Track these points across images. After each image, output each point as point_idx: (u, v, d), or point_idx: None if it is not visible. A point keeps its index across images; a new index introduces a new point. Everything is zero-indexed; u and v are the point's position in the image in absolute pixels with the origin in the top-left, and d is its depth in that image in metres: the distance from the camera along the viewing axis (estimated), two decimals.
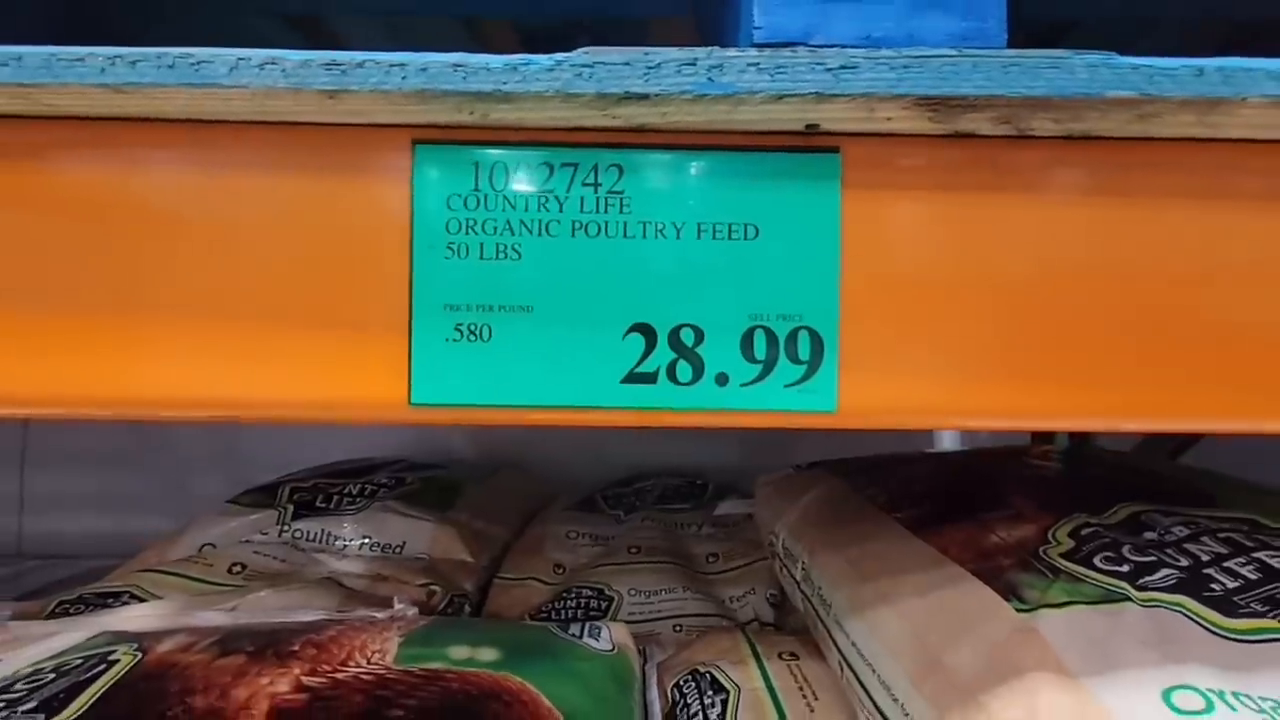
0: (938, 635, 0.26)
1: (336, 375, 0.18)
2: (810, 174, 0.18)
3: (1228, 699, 0.20)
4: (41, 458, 0.92)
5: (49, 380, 0.18)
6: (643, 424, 0.19)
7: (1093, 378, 0.19)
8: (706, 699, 0.34)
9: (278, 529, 0.54)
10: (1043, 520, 0.31)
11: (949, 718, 0.22)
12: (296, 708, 0.24)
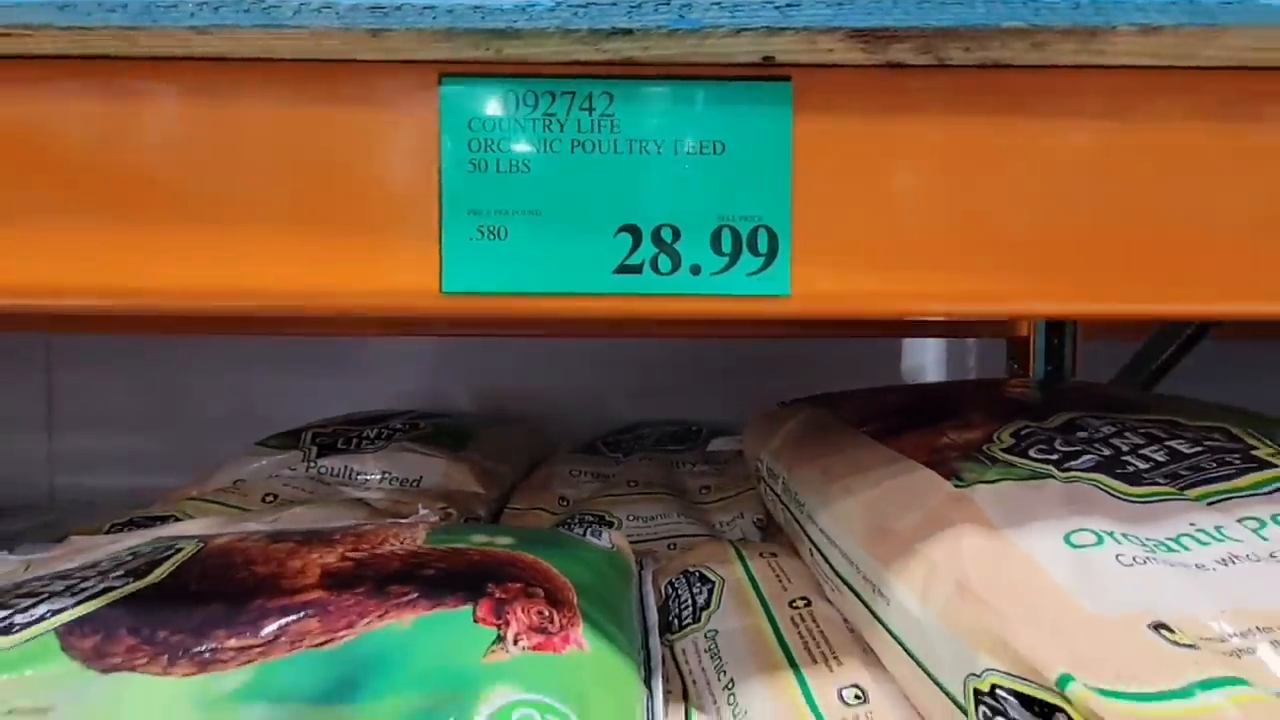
0: (887, 509, 0.30)
1: (382, 271, 0.22)
2: (767, 99, 0.22)
3: (1116, 537, 0.25)
4: (70, 420, 0.97)
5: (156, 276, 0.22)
6: (631, 310, 0.23)
7: (1005, 267, 0.23)
8: (695, 589, 0.38)
9: (304, 465, 0.58)
10: (990, 426, 0.36)
11: (892, 567, 0.27)
12: (343, 570, 0.29)
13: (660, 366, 0.89)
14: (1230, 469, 0.28)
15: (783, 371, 0.82)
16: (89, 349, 0.95)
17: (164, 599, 0.27)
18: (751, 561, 0.40)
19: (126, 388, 0.96)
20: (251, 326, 0.81)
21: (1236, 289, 0.22)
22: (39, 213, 0.22)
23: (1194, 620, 0.21)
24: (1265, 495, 0.26)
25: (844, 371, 0.59)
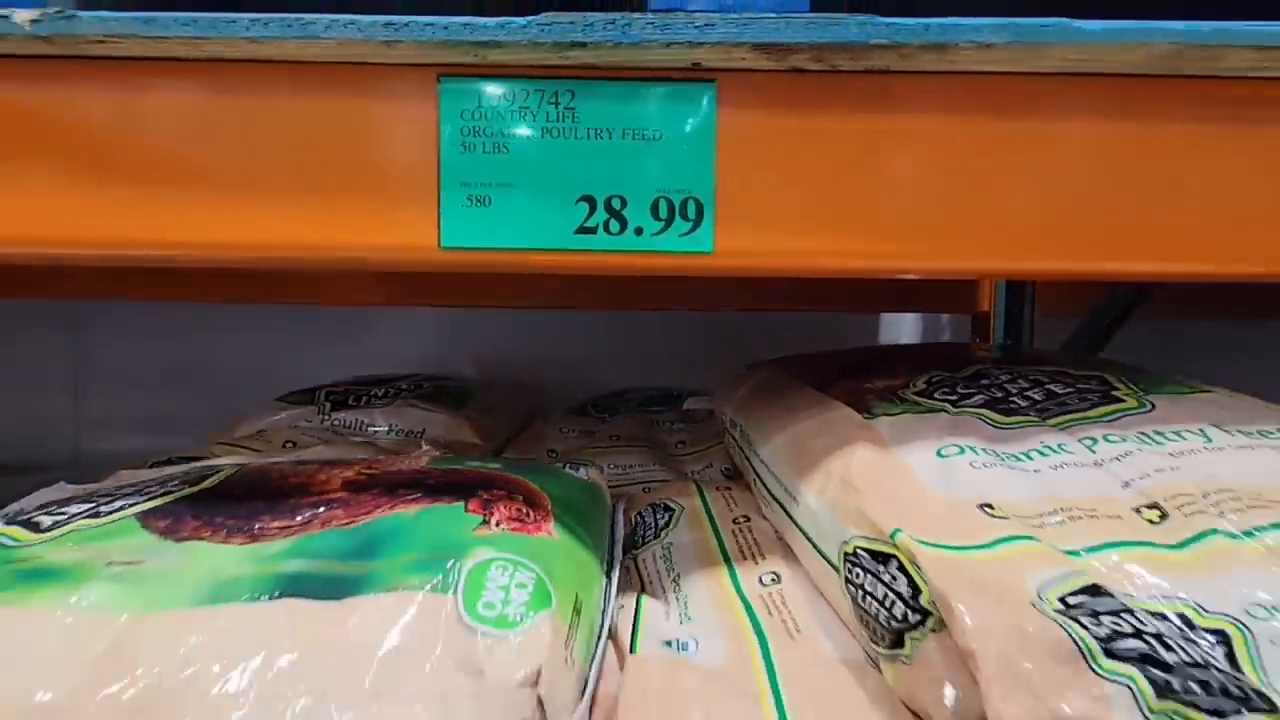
0: (808, 437, 0.36)
1: (393, 231, 0.28)
2: (696, 97, 0.28)
3: (976, 450, 0.31)
4: (96, 384, 1.03)
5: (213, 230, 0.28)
6: (588, 264, 0.29)
7: (891, 232, 0.29)
8: (659, 516, 0.45)
9: (319, 418, 0.65)
10: (910, 376, 0.42)
11: (804, 477, 0.33)
12: (360, 480, 0.35)
13: (649, 339, 0.95)
14: (1087, 404, 0.34)
15: (765, 345, 0.88)
16: (114, 316, 1.01)
17: (216, 498, 0.34)
18: (709, 494, 0.47)
19: (150, 354, 1.02)
20: (270, 295, 0.87)
21: (1035, 251, 0.28)
22: (120, 183, 0.28)
23: (1014, 504, 0.27)
24: (1106, 421, 0.33)
25: (825, 345, 0.64)
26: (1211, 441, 0.30)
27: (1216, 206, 0.28)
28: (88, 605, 0.25)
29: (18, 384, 1.03)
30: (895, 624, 0.23)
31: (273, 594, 0.26)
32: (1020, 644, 0.20)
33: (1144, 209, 0.29)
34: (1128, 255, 0.29)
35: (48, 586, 0.26)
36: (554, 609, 0.26)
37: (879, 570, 0.25)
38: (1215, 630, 0.21)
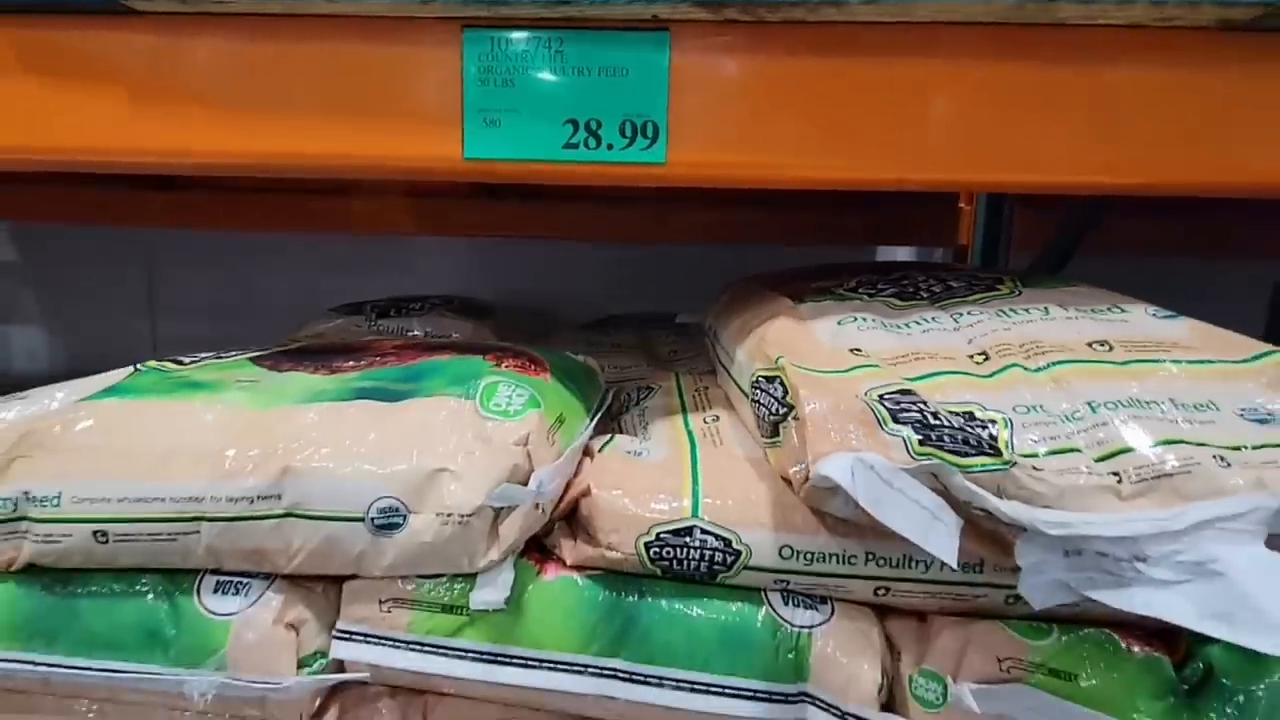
0: (751, 319, 0.46)
1: (429, 147, 0.38)
2: (654, 43, 0.37)
3: (868, 320, 0.40)
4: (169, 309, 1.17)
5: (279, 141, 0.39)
6: (572, 174, 0.39)
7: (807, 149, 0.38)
8: (640, 393, 0.56)
9: (367, 324, 0.77)
10: (848, 278, 0.51)
11: (740, 343, 0.43)
12: (406, 345, 0.47)
13: (656, 272, 1.04)
14: (971, 292, 0.44)
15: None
16: (184, 248, 1.14)
17: (302, 351, 0.46)
18: (683, 379, 0.57)
19: (216, 283, 1.15)
20: (318, 225, 0.99)
21: (911, 164, 0.37)
22: (192, 102, 0.39)
23: (879, 351, 0.37)
24: (977, 303, 0.42)
25: None
26: (1047, 314, 0.39)
27: (1054, 130, 0.37)
28: (226, 403, 0.37)
29: (100, 310, 1.18)
30: (773, 418, 0.34)
31: (351, 399, 0.37)
32: (835, 413, 0.30)
33: (1001, 132, 0.37)
34: (989, 169, 0.38)
35: (199, 392, 0.38)
36: (542, 411, 0.37)
37: (769, 387, 0.35)
38: (989, 420, 0.31)
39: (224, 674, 0.33)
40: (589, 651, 0.34)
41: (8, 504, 0.34)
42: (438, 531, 0.33)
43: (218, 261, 1.14)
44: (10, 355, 1.23)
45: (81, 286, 1.18)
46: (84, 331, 1.21)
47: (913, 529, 0.28)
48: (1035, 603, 0.29)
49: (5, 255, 1.22)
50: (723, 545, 0.34)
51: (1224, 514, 0.27)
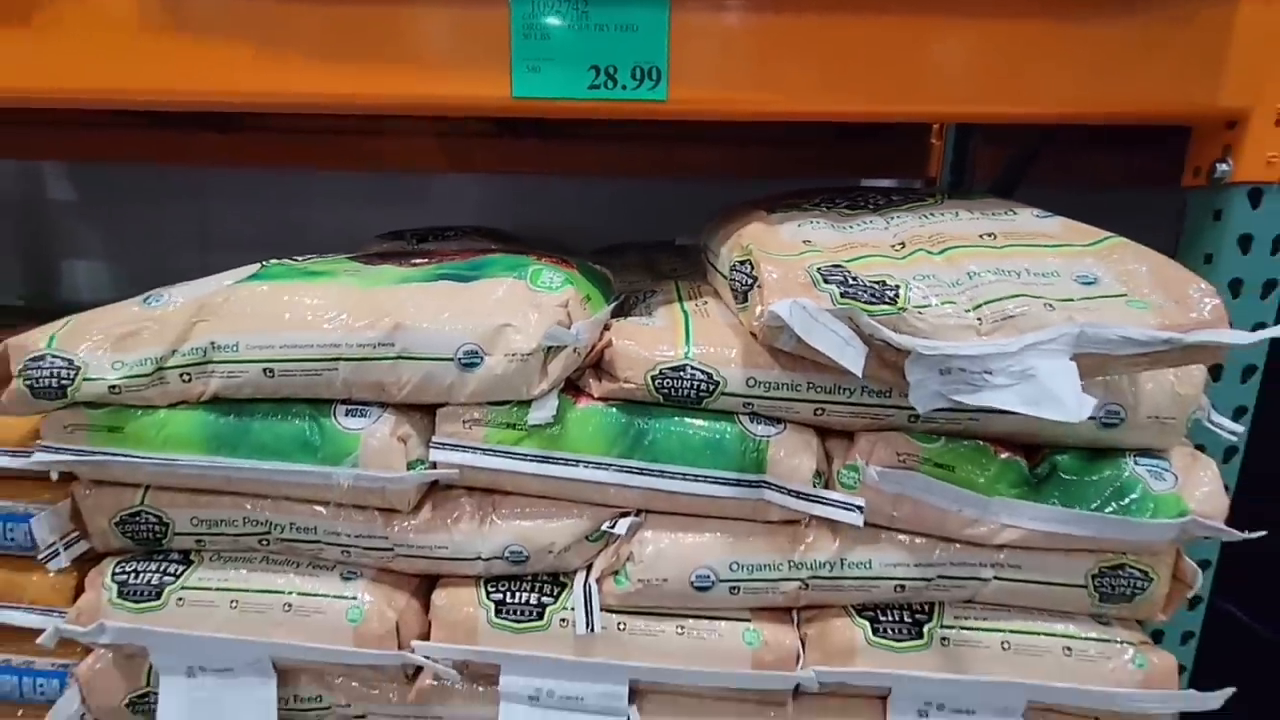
0: (734, 225, 0.58)
1: (484, 88, 0.50)
2: (657, 4, 0.48)
3: (820, 223, 0.53)
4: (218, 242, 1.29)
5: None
6: (594, 110, 0.50)
7: (794, 86, 0.49)
8: (645, 296, 0.69)
9: (409, 248, 0.89)
10: (816, 197, 0.63)
11: (724, 244, 0.56)
12: (462, 248, 0.60)
13: (659, 205, 1.16)
14: (906, 202, 0.56)
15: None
16: (230, 186, 1.25)
17: (383, 254, 0.59)
18: (681, 285, 0.70)
19: (261, 219, 1.27)
20: (355, 163, 1.10)
21: (867, 98, 0.49)
22: (294, 53, 0.50)
23: (824, 242, 0.50)
24: (906, 209, 0.54)
25: None
26: (956, 216, 0.52)
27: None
28: (341, 284, 0.51)
29: (155, 245, 1.30)
30: (743, 288, 0.47)
31: (434, 280, 0.50)
32: (784, 279, 0.43)
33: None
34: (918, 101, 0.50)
35: (319, 277, 0.52)
36: (575, 288, 0.50)
37: (741, 268, 0.48)
38: (895, 285, 0.44)
39: (358, 470, 0.48)
40: (612, 454, 0.48)
41: (199, 351, 0.48)
42: (505, 367, 0.47)
43: (261, 198, 1.25)
44: (78, 287, 1.36)
45: (137, 223, 1.29)
46: (141, 264, 1.33)
47: (833, 350, 0.41)
48: (920, 407, 0.43)
49: (66, 195, 1.33)
50: (706, 378, 0.47)
51: (1043, 339, 0.41)
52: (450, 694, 0.53)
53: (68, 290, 1.34)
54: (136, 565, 0.53)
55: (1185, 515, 0.47)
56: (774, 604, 0.51)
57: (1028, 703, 0.50)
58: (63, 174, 1.31)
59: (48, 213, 1.31)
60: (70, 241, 1.32)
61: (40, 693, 0.59)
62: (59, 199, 1.31)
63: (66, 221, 1.31)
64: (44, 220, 1.31)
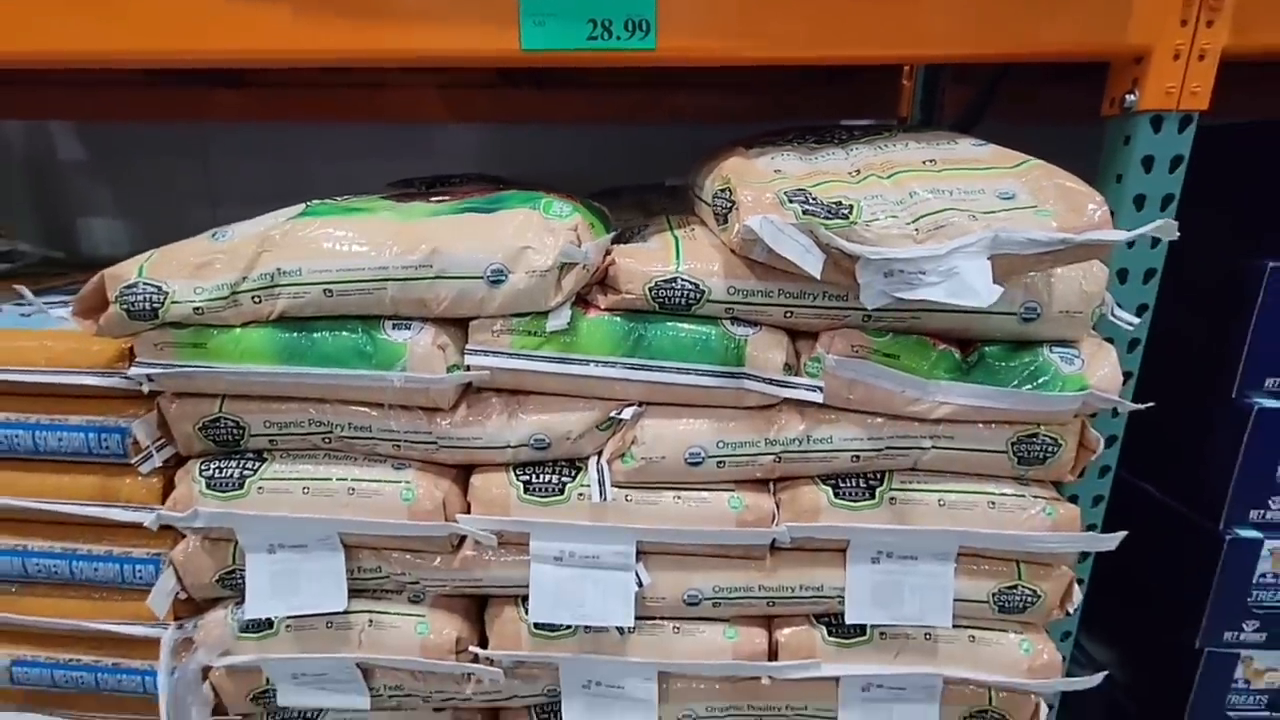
0: (715, 163, 0.67)
1: (488, 40, 0.58)
2: None
3: (790, 155, 0.61)
4: (225, 196, 1.35)
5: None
6: (594, 59, 0.58)
7: (778, 34, 0.57)
8: (640, 227, 0.77)
9: (419, 192, 0.97)
10: (790, 134, 0.71)
11: (708, 179, 0.64)
12: (478, 187, 0.68)
13: (649, 151, 1.23)
14: (865, 136, 0.64)
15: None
16: (234, 141, 1.30)
17: (409, 193, 0.67)
18: (671, 218, 0.79)
19: (263, 171, 1.32)
20: (358, 115, 1.16)
21: (841, 41, 0.57)
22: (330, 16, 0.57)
23: (792, 171, 0.59)
24: (864, 142, 0.63)
25: None
26: (906, 147, 0.60)
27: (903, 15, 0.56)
28: (382, 217, 0.59)
29: (165, 200, 1.35)
30: (723, 212, 0.56)
31: (461, 213, 0.59)
32: (757, 201, 0.52)
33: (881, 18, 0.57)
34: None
35: (360, 212, 0.60)
36: (581, 216, 0.59)
37: (722, 195, 0.57)
38: (849, 204, 0.53)
39: (407, 373, 0.57)
40: (617, 355, 0.58)
41: (266, 276, 0.57)
42: (527, 283, 0.56)
43: (267, 154, 1.30)
44: (96, 243, 1.42)
45: (146, 181, 1.34)
46: (154, 220, 1.39)
47: (796, 257, 0.50)
48: (869, 304, 0.53)
49: (75, 154, 1.38)
50: (694, 288, 0.57)
51: (966, 243, 0.50)
52: (488, 561, 0.64)
53: (88, 247, 1.41)
54: (219, 463, 0.63)
55: (1085, 390, 0.57)
56: (753, 476, 0.62)
57: (960, 547, 0.62)
58: (71, 133, 1.36)
59: (60, 172, 1.36)
60: (84, 200, 1.37)
61: (139, 577, 0.70)
62: (69, 159, 1.36)
63: (78, 180, 1.36)
64: (57, 179, 1.36)
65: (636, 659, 0.65)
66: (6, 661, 0.73)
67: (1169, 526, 0.76)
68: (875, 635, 0.65)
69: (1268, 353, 0.68)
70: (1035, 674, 0.65)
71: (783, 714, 0.68)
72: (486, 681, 0.67)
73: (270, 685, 0.69)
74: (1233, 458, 0.69)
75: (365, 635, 0.66)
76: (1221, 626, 0.73)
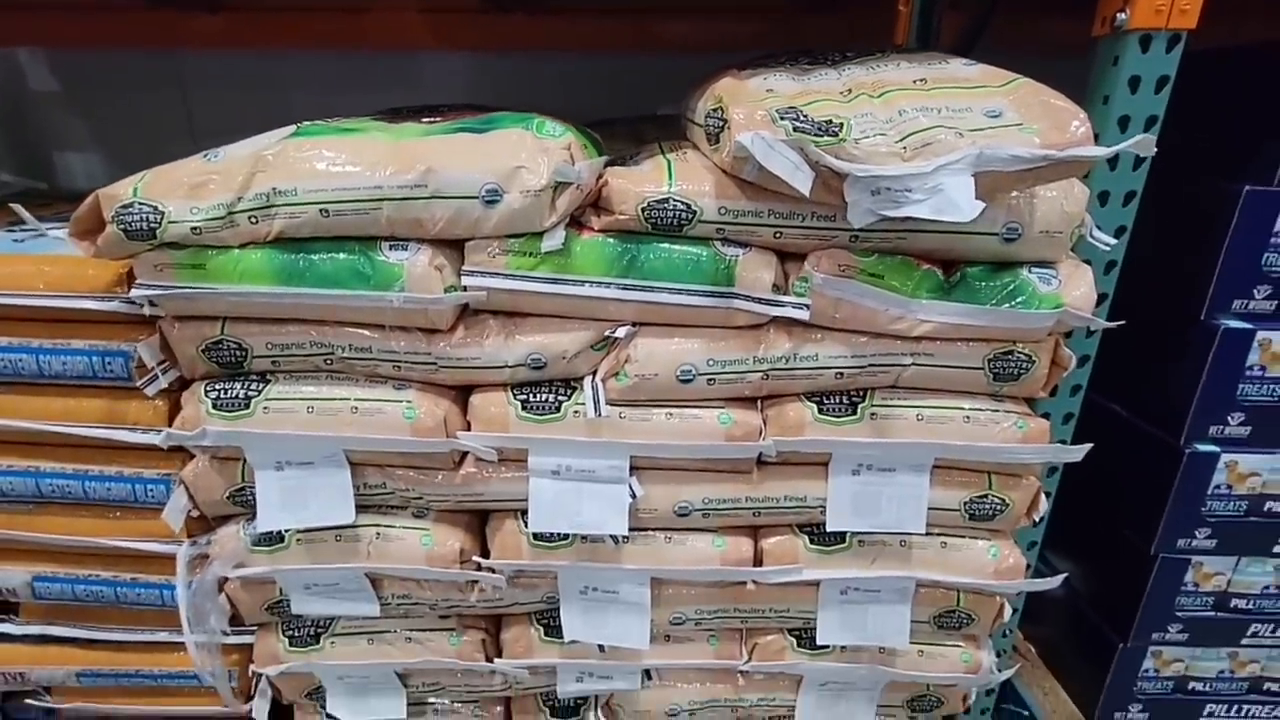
0: (709, 84, 0.66)
1: None
2: None
3: (782, 74, 0.61)
4: (205, 129, 1.31)
5: None
6: None
7: None
8: (633, 155, 0.77)
9: None
10: (784, 57, 0.70)
11: (701, 100, 0.64)
12: (470, 109, 0.67)
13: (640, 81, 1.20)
14: (857, 56, 0.64)
15: None
16: (212, 70, 1.25)
17: (399, 114, 0.67)
18: (664, 143, 0.79)
19: (246, 102, 1.28)
20: (339, 41, 1.12)
21: None
22: None
23: (785, 89, 0.59)
24: (856, 62, 0.63)
25: None
26: (898, 67, 0.61)
27: None
28: (374, 138, 0.59)
29: (142, 132, 1.31)
30: (715, 131, 0.57)
31: (453, 133, 0.59)
32: (749, 118, 0.53)
33: None
34: None
35: (353, 133, 0.60)
36: (574, 136, 0.59)
37: (714, 114, 0.58)
38: (839, 122, 0.54)
39: (405, 293, 0.59)
40: (611, 275, 0.60)
41: (262, 196, 0.57)
42: (522, 203, 0.57)
43: (245, 84, 1.26)
44: (73, 176, 1.39)
45: (122, 112, 1.30)
46: (133, 154, 1.35)
47: (786, 173, 0.51)
48: (855, 222, 0.54)
49: (48, 85, 1.33)
50: (686, 208, 0.58)
51: (951, 160, 0.51)
52: (488, 477, 0.67)
53: (65, 181, 1.37)
54: (224, 385, 0.65)
55: (1060, 308, 0.60)
56: (742, 393, 0.64)
57: (935, 459, 0.65)
58: (42, 62, 1.31)
59: (33, 103, 1.31)
60: (58, 133, 1.33)
61: (151, 496, 0.73)
62: (41, 89, 1.32)
63: (52, 112, 1.32)
64: (29, 111, 1.32)
65: (631, 566, 0.69)
66: (28, 577, 0.77)
67: (1133, 443, 0.80)
68: (854, 542, 0.69)
69: (1237, 275, 0.70)
70: (1001, 576, 0.70)
71: (766, 615, 0.73)
72: (489, 589, 0.71)
73: (284, 596, 0.73)
74: (1197, 377, 0.72)
75: (373, 547, 0.69)
76: (1176, 534, 0.78)
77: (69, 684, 0.81)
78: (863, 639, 0.72)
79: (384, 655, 0.75)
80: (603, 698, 0.80)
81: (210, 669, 0.74)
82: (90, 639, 0.79)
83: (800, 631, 0.75)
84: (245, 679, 0.80)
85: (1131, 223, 0.66)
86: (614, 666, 0.75)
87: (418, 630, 0.75)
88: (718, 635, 0.75)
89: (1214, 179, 0.71)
